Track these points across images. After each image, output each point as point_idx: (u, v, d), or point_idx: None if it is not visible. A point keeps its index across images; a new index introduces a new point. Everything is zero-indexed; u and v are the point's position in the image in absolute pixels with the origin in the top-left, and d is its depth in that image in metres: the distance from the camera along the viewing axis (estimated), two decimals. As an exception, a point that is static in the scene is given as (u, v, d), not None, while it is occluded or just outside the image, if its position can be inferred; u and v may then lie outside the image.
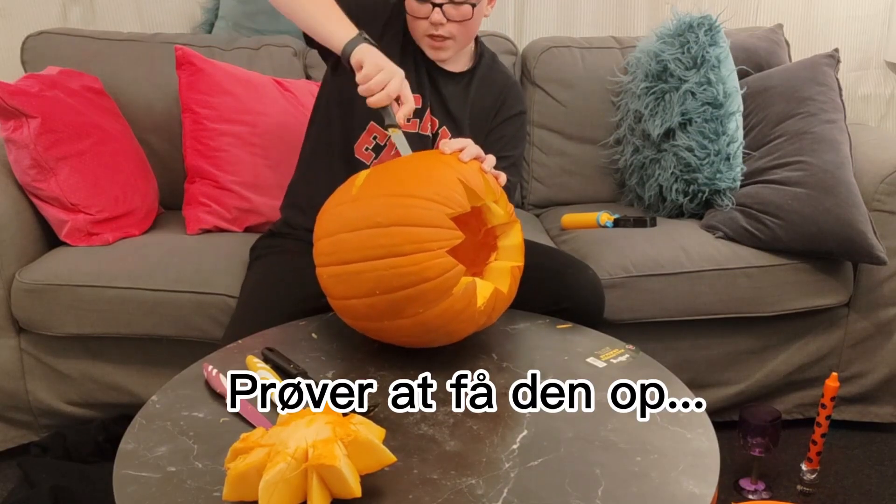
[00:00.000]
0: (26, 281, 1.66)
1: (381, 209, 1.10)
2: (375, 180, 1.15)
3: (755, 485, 1.73)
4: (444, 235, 1.09)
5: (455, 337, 1.16)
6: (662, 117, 1.94)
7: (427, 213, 1.09)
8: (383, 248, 1.08)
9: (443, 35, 1.40)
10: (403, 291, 1.07)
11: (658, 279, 1.74)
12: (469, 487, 0.89)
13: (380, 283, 1.08)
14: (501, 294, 1.17)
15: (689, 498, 0.88)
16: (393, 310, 1.09)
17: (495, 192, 1.19)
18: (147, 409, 1.05)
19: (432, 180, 1.12)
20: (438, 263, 1.07)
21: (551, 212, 2.17)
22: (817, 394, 1.91)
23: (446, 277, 1.08)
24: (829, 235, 1.71)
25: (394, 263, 1.07)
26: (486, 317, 1.16)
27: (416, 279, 1.07)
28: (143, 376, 1.76)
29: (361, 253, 1.09)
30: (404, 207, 1.09)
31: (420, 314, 1.09)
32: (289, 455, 0.83)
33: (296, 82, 2.04)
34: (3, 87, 1.65)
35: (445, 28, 1.39)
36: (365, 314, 1.13)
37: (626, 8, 2.38)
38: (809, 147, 1.79)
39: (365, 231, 1.09)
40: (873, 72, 2.48)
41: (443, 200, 1.10)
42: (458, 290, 1.10)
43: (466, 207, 1.13)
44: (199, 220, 1.88)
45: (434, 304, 1.09)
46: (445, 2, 1.37)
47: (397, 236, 1.07)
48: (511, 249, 1.22)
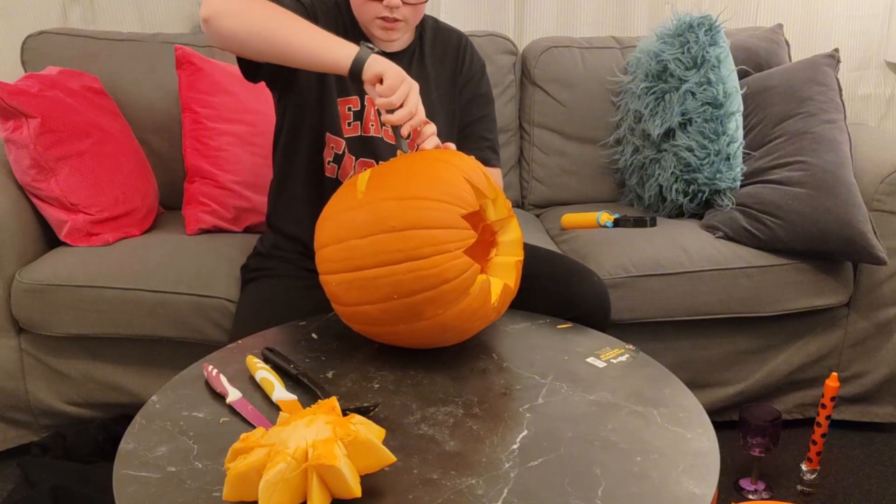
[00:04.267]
0: (26, 281, 1.66)
1: (395, 213, 1.08)
2: (379, 183, 1.13)
3: (755, 485, 1.73)
4: (460, 236, 1.09)
5: (468, 334, 1.18)
6: (662, 117, 1.94)
7: (441, 214, 1.09)
8: (401, 252, 1.06)
9: (396, 17, 1.35)
10: (423, 294, 1.07)
11: (658, 279, 1.74)
12: (469, 487, 0.89)
13: (398, 288, 1.07)
14: (509, 289, 1.19)
15: (689, 498, 0.88)
16: (411, 313, 1.09)
17: (495, 188, 1.19)
18: (147, 409, 1.05)
19: (440, 180, 1.12)
20: (457, 264, 1.08)
21: (551, 212, 2.17)
22: (817, 394, 1.91)
23: (464, 277, 1.08)
24: (830, 235, 1.71)
25: (413, 267, 1.06)
26: (497, 312, 1.18)
27: (437, 281, 1.07)
28: (143, 376, 1.76)
29: (377, 258, 1.08)
30: (418, 210, 1.08)
31: (439, 315, 1.09)
32: (289, 455, 0.83)
33: (296, 82, 2.04)
34: (3, 87, 1.65)
35: (400, 11, 1.34)
36: (379, 319, 1.12)
37: (626, 8, 2.38)
38: (809, 147, 1.79)
39: (379, 236, 1.08)
40: (873, 72, 2.48)
41: (453, 200, 1.10)
42: (475, 289, 1.10)
43: (476, 206, 1.13)
44: (198, 219, 1.88)
45: (453, 304, 1.09)
46: None
47: (414, 239, 1.07)
48: (511, 244, 1.23)
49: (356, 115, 1.44)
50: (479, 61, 1.57)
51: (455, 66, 1.53)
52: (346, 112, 1.44)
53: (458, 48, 1.54)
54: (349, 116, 1.44)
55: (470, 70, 1.54)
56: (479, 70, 1.56)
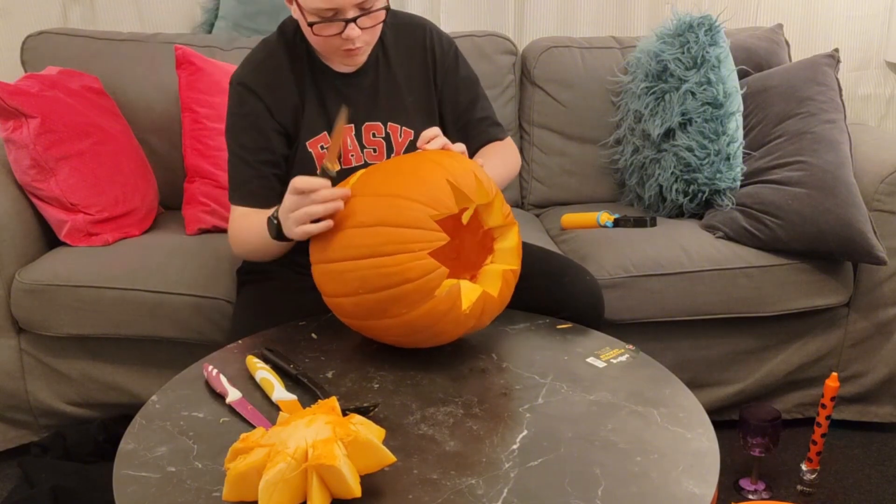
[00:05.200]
0: (26, 281, 1.66)
1: (366, 209, 1.10)
2: (365, 180, 1.15)
3: (755, 485, 1.73)
4: (426, 237, 1.08)
5: (443, 338, 1.16)
6: (662, 117, 1.94)
7: (411, 213, 1.09)
8: (367, 247, 1.08)
9: (357, 45, 1.29)
10: (386, 291, 1.08)
11: (658, 279, 1.73)
12: (469, 487, 0.89)
13: (364, 283, 1.08)
14: (491, 298, 1.16)
15: (689, 498, 0.88)
16: (378, 309, 1.10)
17: (489, 194, 1.18)
18: (147, 409, 1.05)
19: (419, 180, 1.12)
20: (420, 265, 1.07)
21: (551, 212, 2.17)
22: (817, 394, 1.91)
23: (428, 279, 1.08)
24: (830, 235, 1.71)
25: (376, 263, 1.07)
26: (475, 320, 1.15)
27: (398, 280, 1.07)
28: (143, 376, 1.76)
29: (346, 252, 1.10)
30: (387, 208, 1.09)
31: (404, 315, 1.09)
32: (289, 455, 0.83)
33: (296, 82, 2.04)
34: (3, 87, 1.65)
35: (360, 38, 1.28)
36: (352, 312, 1.14)
37: (626, 8, 2.37)
38: (809, 147, 1.79)
39: (350, 230, 1.10)
40: (873, 72, 2.48)
41: (427, 201, 1.10)
42: (442, 292, 1.09)
43: (453, 209, 1.12)
44: (198, 219, 1.88)
45: (417, 305, 1.09)
46: (358, 14, 1.25)
47: (379, 236, 1.08)
48: (507, 252, 1.21)
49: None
50: (450, 45, 1.49)
51: (425, 61, 1.46)
52: (319, 151, 1.40)
53: (423, 41, 1.46)
54: (323, 154, 1.40)
55: (443, 60, 1.47)
56: (452, 56, 1.48)
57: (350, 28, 1.25)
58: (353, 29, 1.26)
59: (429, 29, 1.48)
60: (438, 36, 1.48)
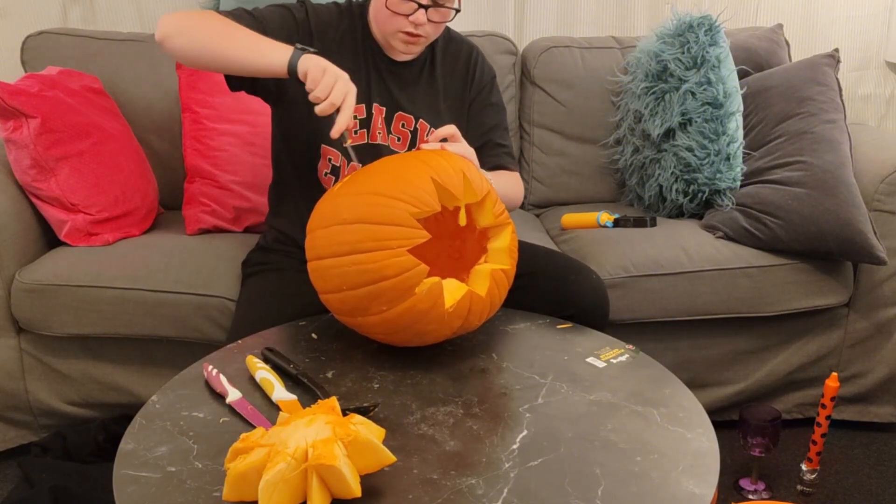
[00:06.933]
0: (26, 281, 1.66)
1: (349, 206, 1.12)
2: (354, 178, 1.17)
3: (755, 485, 1.73)
4: (405, 234, 1.09)
5: (428, 338, 1.15)
6: (662, 117, 1.94)
7: (391, 211, 1.09)
8: (347, 244, 1.09)
9: (419, 34, 1.37)
10: (365, 288, 1.09)
11: (658, 279, 1.74)
12: (469, 487, 0.89)
13: (345, 280, 1.10)
14: (478, 297, 1.15)
15: (689, 498, 0.88)
16: (360, 306, 1.11)
17: (478, 193, 1.17)
18: (147, 409, 1.05)
19: (402, 179, 1.13)
20: (399, 262, 1.08)
21: (551, 212, 2.17)
22: (817, 394, 1.91)
23: (406, 276, 1.08)
24: (829, 235, 1.71)
25: (355, 260, 1.08)
26: (462, 320, 1.14)
27: (376, 277, 1.08)
28: (143, 376, 1.76)
29: (330, 249, 1.11)
30: (368, 205, 1.10)
31: (384, 312, 1.10)
32: (289, 455, 0.83)
33: (296, 82, 2.04)
34: (3, 87, 1.65)
35: (424, 28, 1.37)
36: (339, 309, 1.15)
37: (626, 8, 2.38)
38: (809, 147, 1.79)
39: (333, 227, 1.12)
40: (873, 72, 2.48)
41: (409, 199, 1.10)
42: (422, 290, 1.09)
43: (436, 207, 1.12)
44: (198, 219, 1.88)
45: (396, 302, 1.09)
46: (431, 4, 1.34)
47: (359, 233, 1.09)
48: (499, 252, 1.21)
49: (362, 123, 1.45)
50: (490, 72, 1.59)
51: (465, 77, 1.55)
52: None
53: (468, 60, 1.56)
54: (355, 125, 1.44)
55: (481, 81, 1.56)
56: (489, 81, 1.58)
57: (420, 13, 1.33)
58: (422, 14, 1.34)
59: (476, 51, 1.58)
60: (483, 60, 1.59)
